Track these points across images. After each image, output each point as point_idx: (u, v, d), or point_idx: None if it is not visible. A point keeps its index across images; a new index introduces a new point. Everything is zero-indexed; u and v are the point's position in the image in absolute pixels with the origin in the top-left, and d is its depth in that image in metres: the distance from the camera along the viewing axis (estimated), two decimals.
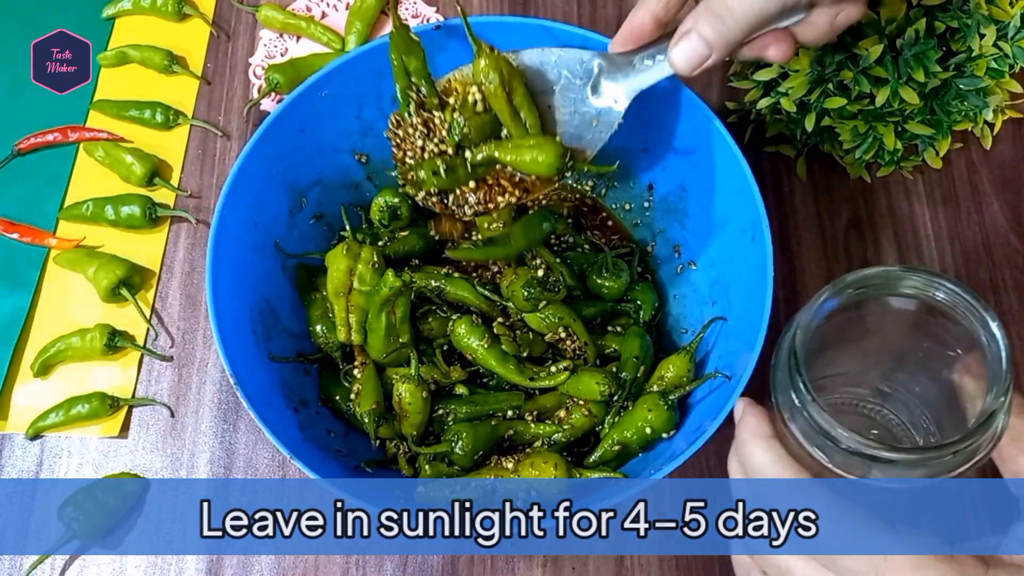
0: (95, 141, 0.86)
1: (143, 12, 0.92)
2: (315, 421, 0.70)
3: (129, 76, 0.90)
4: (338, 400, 0.71)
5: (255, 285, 0.70)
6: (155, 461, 0.75)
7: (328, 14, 0.93)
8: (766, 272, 0.63)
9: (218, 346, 0.63)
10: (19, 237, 0.82)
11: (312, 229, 0.76)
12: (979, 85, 0.74)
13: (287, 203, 0.73)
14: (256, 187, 0.69)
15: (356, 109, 0.74)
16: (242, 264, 0.68)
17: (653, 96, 0.69)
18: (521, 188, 0.63)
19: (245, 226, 0.69)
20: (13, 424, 0.76)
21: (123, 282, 0.79)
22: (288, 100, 0.69)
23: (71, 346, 0.77)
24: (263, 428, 0.61)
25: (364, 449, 0.71)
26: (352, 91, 0.72)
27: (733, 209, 0.68)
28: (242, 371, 0.63)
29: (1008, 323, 0.78)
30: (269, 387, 0.67)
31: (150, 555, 0.72)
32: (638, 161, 0.76)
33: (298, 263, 0.74)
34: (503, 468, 0.66)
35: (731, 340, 0.67)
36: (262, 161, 0.69)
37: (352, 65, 0.70)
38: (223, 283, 0.65)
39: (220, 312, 0.64)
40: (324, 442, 0.68)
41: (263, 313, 0.70)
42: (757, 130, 0.84)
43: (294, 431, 0.66)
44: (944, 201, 0.83)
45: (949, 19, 0.72)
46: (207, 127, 0.87)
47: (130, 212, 0.82)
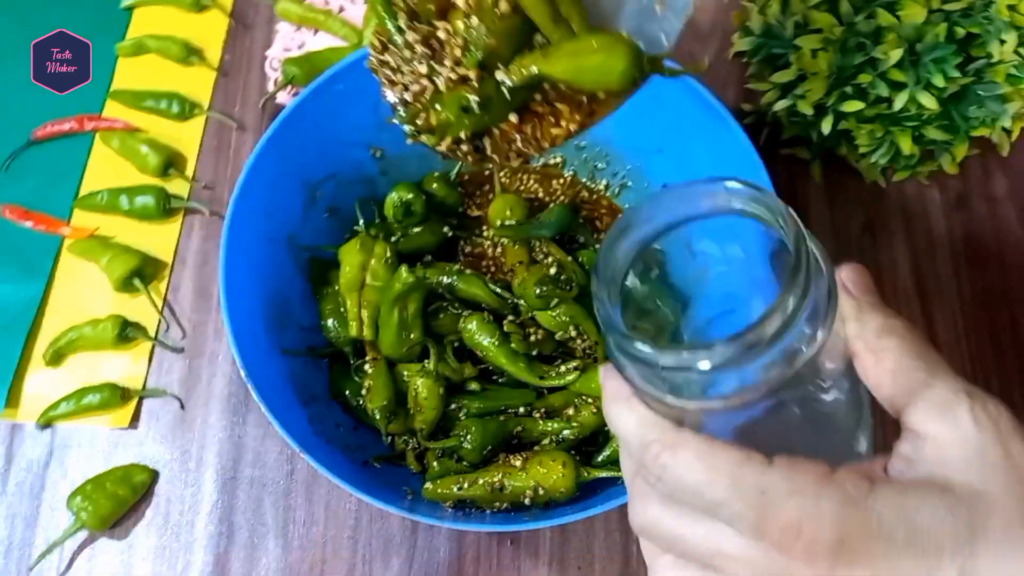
0: (111, 131, 0.86)
1: (161, 2, 0.92)
2: (325, 415, 0.70)
3: (146, 66, 0.90)
4: (348, 395, 0.71)
5: (268, 278, 0.70)
6: (164, 452, 0.75)
7: (346, 8, 0.93)
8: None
9: (230, 338, 0.63)
10: (33, 225, 0.83)
11: (326, 224, 0.76)
12: (998, 91, 0.73)
13: (301, 197, 0.73)
14: (270, 181, 0.69)
15: (371, 103, 0.73)
16: (255, 257, 0.69)
17: (668, 96, 0.68)
18: (584, 112, 0.48)
19: (259, 219, 0.69)
20: (24, 413, 0.76)
21: (136, 273, 0.79)
22: (303, 95, 0.69)
23: (83, 336, 0.77)
24: (273, 421, 0.61)
25: (373, 444, 0.71)
26: (367, 85, 0.72)
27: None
28: (253, 364, 0.63)
29: (1021, 331, 0.78)
30: (280, 380, 0.67)
31: (158, 546, 0.72)
32: (653, 162, 0.76)
33: (311, 257, 0.74)
34: (511, 466, 0.66)
35: None
36: (277, 155, 0.69)
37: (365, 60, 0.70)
38: (236, 275, 0.66)
39: (232, 304, 0.64)
40: (333, 436, 0.69)
41: (275, 306, 0.70)
42: (773, 132, 0.83)
43: (304, 425, 0.66)
44: (959, 207, 0.83)
45: (970, 24, 0.72)
46: (223, 119, 0.87)
47: (144, 203, 0.82)
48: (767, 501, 0.38)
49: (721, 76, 0.88)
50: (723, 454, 0.39)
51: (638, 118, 0.69)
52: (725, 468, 0.39)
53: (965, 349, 0.78)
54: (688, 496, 0.40)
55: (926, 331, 0.78)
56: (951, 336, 0.78)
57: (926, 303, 0.79)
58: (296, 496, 0.73)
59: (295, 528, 0.72)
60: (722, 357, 0.37)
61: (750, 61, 0.82)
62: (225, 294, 0.64)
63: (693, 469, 0.39)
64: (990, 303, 0.79)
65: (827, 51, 0.73)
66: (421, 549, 0.71)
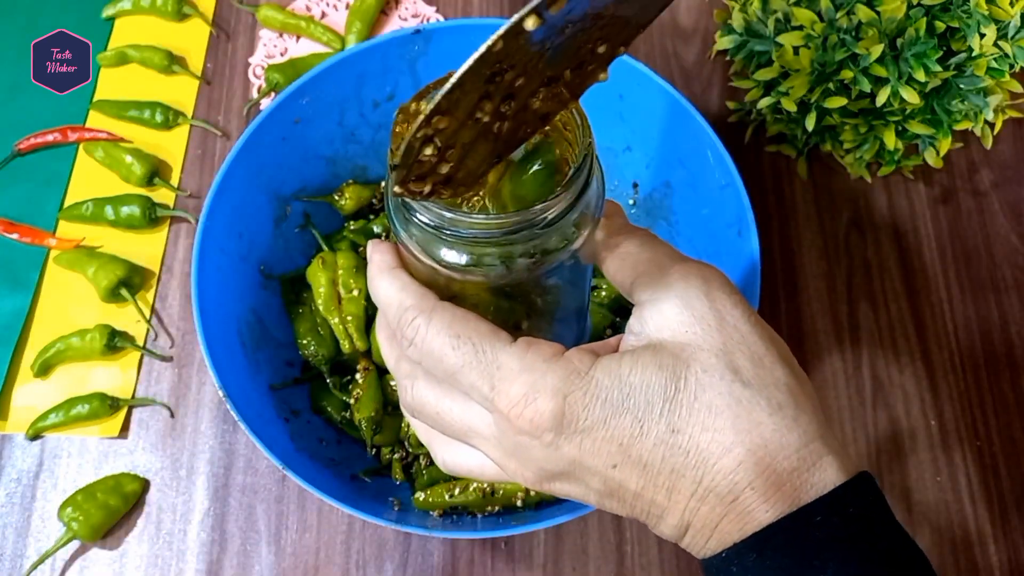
0: (95, 141, 0.86)
1: (143, 12, 0.92)
2: (306, 431, 0.70)
3: (129, 76, 0.90)
4: (330, 411, 0.71)
5: (241, 296, 0.70)
6: (155, 461, 0.75)
7: (328, 14, 0.93)
8: (755, 268, 0.63)
9: (207, 360, 0.62)
10: (19, 237, 0.82)
11: (298, 238, 0.76)
12: (980, 85, 0.74)
13: (272, 212, 0.73)
14: (240, 197, 0.69)
15: (338, 115, 0.73)
16: (228, 276, 0.68)
17: (635, 94, 0.69)
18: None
19: (230, 237, 0.69)
20: (13, 424, 0.76)
21: (123, 282, 0.79)
22: (268, 110, 0.69)
23: (71, 346, 0.77)
24: (256, 442, 0.60)
25: (357, 457, 0.71)
26: (333, 98, 0.72)
27: (719, 204, 0.68)
28: (231, 383, 0.63)
29: (1009, 323, 0.78)
30: (258, 398, 0.67)
31: (150, 555, 0.72)
32: (622, 160, 0.76)
33: (281, 276, 0.74)
34: None
35: None
36: (246, 170, 0.69)
37: (331, 72, 0.70)
38: (209, 295, 0.65)
39: (207, 325, 0.64)
40: (316, 451, 0.68)
41: (250, 324, 0.70)
42: (758, 130, 0.84)
43: (285, 441, 0.66)
44: (945, 201, 0.84)
45: (949, 19, 0.72)
46: (207, 127, 0.87)
47: (130, 212, 0.81)
48: (501, 376, 0.40)
49: (704, 75, 0.89)
50: (473, 325, 0.41)
51: (606, 117, 0.69)
52: (471, 338, 0.41)
53: (954, 341, 0.78)
54: (432, 361, 0.42)
55: (914, 324, 0.78)
56: (940, 329, 0.78)
57: (914, 297, 0.80)
58: (288, 502, 0.73)
59: (288, 535, 0.72)
60: (511, 224, 0.40)
61: (733, 59, 0.82)
62: (199, 315, 0.63)
63: (440, 334, 0.41)
64: (978, 295, 0.80)
65: (809, 48, 0.74)
66: (415, 554, 0.71)
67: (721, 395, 0.39)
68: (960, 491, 0.73)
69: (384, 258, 0.45)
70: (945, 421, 0.75)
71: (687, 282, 0.41)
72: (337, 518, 0.72)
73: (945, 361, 0.78)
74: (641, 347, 0.41)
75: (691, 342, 0.40)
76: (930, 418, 0.75)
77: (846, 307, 0.79)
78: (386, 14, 0.92)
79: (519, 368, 0.40)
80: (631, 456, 0.39)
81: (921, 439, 0.75)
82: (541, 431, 0.39)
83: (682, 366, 0.39)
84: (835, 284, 0.80)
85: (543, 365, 0.40)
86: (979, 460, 0.74)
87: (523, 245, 0.41)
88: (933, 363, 0.77)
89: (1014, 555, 0.71)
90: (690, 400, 0.39)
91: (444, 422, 0.44)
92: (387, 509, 0.66)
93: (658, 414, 0.39)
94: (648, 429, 0.39)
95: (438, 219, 0.40)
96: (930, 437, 0.75)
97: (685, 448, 0.39)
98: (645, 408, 0.39)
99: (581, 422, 0.39)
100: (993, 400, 0.76)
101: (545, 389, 0.39)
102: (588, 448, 0.40)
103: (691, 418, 0.39)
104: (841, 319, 0.79)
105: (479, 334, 0.41)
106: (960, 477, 0.74)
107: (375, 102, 0.71)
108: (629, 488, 0.40)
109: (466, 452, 0.46)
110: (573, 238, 0.43)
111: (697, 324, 0.40)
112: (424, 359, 0.42)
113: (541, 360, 0.40)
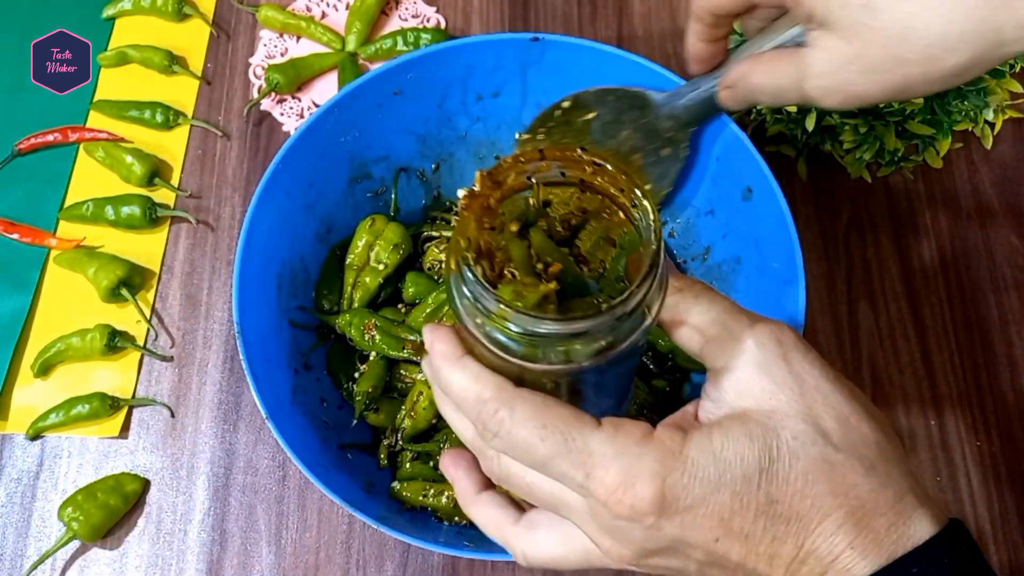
0: (95, 141, 0.86)
1: (143, 12, 0.92)
2: (313, 387, 0.69)
3: (129, 76, 0.90)
4: (340, 376, 0.72)
5: (293, 241, 0.70)
6: (155, 461, 0.75)
7: (328, 14, 0.93)
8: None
9: (234, 288, 0.63)
10: (19, 237, 0.82)
11: (368, 203, 0.76)
12: (980, 85, 0.74)
13: (348, 172, 0.73)
14: (321, 148, 0.69)
15: (439, 98, 0.73)
16: (285, 218, 0.68)
17: (731, 161, 0.68)
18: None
19: (299, 183, 0.69)
20: (13, 424, 0.76)
21: (123, 282, 0.79)
22: (371, 75, 0.69)
23: (71, 346, 0.77)
24: (249, 380, 0.60)
25: (357, 430, 0.71)
26: (439, 80, 0.71)
27: (778, 300, 0.65)
28: (250, 319, 0.63)
29: (1009, 323, 0.78)
30: (274, 341, 0.67)
31: (150, 555, 0.72)
32: (702, 221, 0.74)
33: (335, 244, 0.75)
34: None
35: None
36: (334, 125, 0.69)
37: (442, 56, 0.70)
38: (259, 230, 0.65)
39: (247, 257, 0.64)
40: (315, 410, 0.68)
41: (293, 271, 0.70)
42: (758, 130, 0.84)
43: (285, 391, 0.65)
44: (944, 201, 0.83)
45: None
46: (207, 127, 0.87)
47: (130, 212, 0.82)
48: (594, 463, 0.40)
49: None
50: (556, 412, 0.41)
51: (697, 175, 0.70)
52: (559, 426, 0.40)
53: (953, 341, 0.78)
54: (520, 452, 0.41)
55: (913, 324, 0.78)
56: (939, 329, 0.78)
57: (913, 297, 0.80)
58: (289, 502, 0.73)
59: (288, 534, 0.72)
60: (589, 325, 0.39)
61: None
62: (243, 244, 0.64)
63: (526, 425, 0.41)
64: (978, 295, 0.80)
65: None
66: (415, 554, 0.71)
67: (815, 461, 0.39)
68: (960, 491, 0.73)
69: (448, 348, 0.43)
70: (945, 421, 0.75)
71: (761, 348, 0.41)
72: (338, 517, 0.72)
73: (945, 361, 0.78)
74: (726, 417, 0.41)
75: (776, 408, 0.40)
76: (930, 418, 0.75)
77: (846, 307, 0.79)
78: (386, 14, 0.92)
79: (612, 454, 0.40)
80: (732, 529, 0.40)
81: (921, 439, 0.75)
82: (642, 515, 0.39)
83: (772, 435, 0.40)
84: (835, 284, 0.80)
85: (636, 448, 0.40)
86: (979, 460, 0.74)
87: (600, 337, 0.40)
88: (933, 363, 0.77)
89: (1014, 555, 0.71)
90: (785, 470, 0.39)
91: (535, 495, 0.43)
92: (355, 488, 0.65)
93: (755, 487, 0.39)
94: (748, 503, 0.39)
95: (518, 325, 0.39)
96: (930, 437, 0.75)
97: (785, 517, 0.39)
98: (743, 482, 0.39)
99: (682, 502, 0.39)
100: (993, 400, 0.76)
101: (642, 474, 0.39)
102: (690, 525, 0.40)
103: (788, 487, 0.39)
104: (841, 319, 0.79)
105: (565, 421, 0.40)
106: (960, 477, 0.74)
107: (479, 95, 0.71)
108: (731, 559, 0.40)
109: (546, 543, 0.45)
110: (646, 318, 0.42)
111: (780, 391, 0.41)
112: (511, 450, 0.42)
113: (633, 443, 0.40)
